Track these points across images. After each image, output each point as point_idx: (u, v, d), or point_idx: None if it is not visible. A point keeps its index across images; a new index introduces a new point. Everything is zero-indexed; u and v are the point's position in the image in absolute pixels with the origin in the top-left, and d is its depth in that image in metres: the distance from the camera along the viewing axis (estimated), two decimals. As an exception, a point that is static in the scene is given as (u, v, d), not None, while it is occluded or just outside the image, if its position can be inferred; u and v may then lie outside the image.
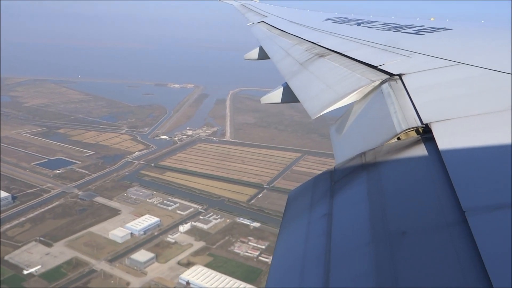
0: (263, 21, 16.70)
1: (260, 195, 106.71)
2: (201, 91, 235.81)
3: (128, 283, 69.16)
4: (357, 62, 6.15)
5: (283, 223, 3.10)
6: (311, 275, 2.26)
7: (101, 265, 73.09)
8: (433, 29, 7.94)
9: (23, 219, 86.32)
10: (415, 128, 3.20)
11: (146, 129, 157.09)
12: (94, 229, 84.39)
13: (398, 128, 3.30)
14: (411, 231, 2.17)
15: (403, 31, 8.47)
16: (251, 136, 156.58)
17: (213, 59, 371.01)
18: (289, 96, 7.54)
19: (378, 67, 5.38)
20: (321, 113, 4.89)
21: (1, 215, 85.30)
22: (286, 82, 7.60)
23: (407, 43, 6.85)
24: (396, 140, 3.24)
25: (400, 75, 4.74)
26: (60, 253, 75.83)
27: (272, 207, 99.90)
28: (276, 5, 23.45)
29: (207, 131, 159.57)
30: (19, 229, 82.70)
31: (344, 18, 13.16)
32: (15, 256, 73.91)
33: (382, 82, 4.72)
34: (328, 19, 13.60)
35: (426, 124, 3.15)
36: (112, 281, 69.30)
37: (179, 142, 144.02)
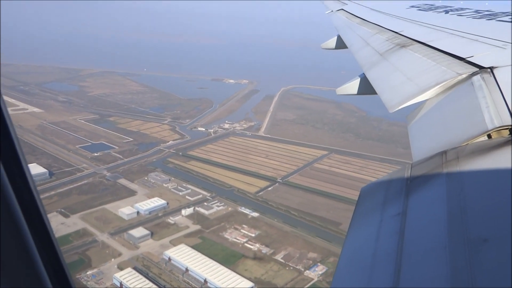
0: (342, 9, 16.17)
1: (270, 188, 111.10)
2: (253, 87, 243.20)
3: (120, 254, 78.00)
4: (442, 53, 5.87)
5: (354, 218, 3.07)
6: (381, 273, 2.21)
7: (103, 237, 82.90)
8: None
9: (53, 192, 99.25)
10: (510, 127, 2.97)
11: (187, 120, 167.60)
12: (108, 206, 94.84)
13: (490, 125, 3.07)
14: (493, 239, 2.00)
15: (498, 19, 7.90)
16: (285, 132, 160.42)
17: (279, 55, 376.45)
18: (366, 88, 7.33)
19: (467, 59, 5.06)
20: (400, 107, 4.67)
21: (38, 188, 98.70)
22: (363, 73, 7.38)
23: (502, 32, 6.38)
24: (485, 137, 3.04)
25: (491, 68, 4.39)
26: (73, 223, 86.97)
27: (277, 200, 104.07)
28: None
29: (243, 125, 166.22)
30: (47, 201, 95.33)
31: (431, 5, 12.71)
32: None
33: (472, 75, 4.40)
34: (412, 6, 13.15)
35: None
36: (107, 251, 78.66)
37: (213, 134, 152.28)
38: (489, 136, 3.01)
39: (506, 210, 2.15)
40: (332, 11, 16.92)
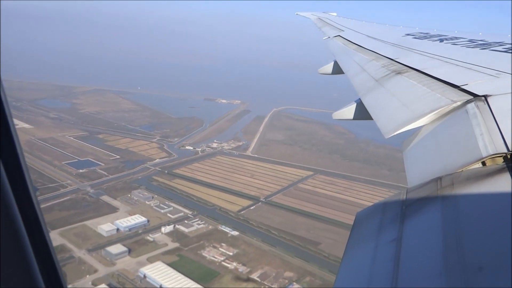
0: (339, 35, 16.52)
1: (252, 207, 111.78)
2: (245, 107, 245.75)
3: (95, 270, 78.07)
4: (437, 81, 5.95)
5: (349, 243, 3.07)
6: None
7: (80, 253, 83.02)
8: None
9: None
10: (504, 155, 3.02)
11: (176, 139, 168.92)
12: (89, 222, 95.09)
13: (485, 152, 3.11)
14: (488, 267, 1.99)
15: (492, 48, 8.15)
16: (272, 152, 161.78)
17: (273, 77, 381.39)
18: (362, 113, 7.44)
19: (461, 86, 5.14)
20: (396, 133, 4.74)
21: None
22: (359, 99, 7.47)
23: (495, 62, 6.61)
24: (479, 165, 3.08)
25: (485, 96, 4.47)
26: (52, 239, 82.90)
27: (258, 219, 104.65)
28: (353, 19, 23.53)
29: (232, 145, 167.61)
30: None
31: (426, 33, 12.92)
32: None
33: (466, 103, 4.50)
34: (408, 34, 13.35)
35: None
36: (83, 267, 78.75)
37: (200, 153, 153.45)
38: (484, 163, 3.05)
39: (501, 237, 2.17)
40: (329, 37, 17.25)
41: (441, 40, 10.78)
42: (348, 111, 8.20)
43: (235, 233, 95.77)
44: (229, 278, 78.95)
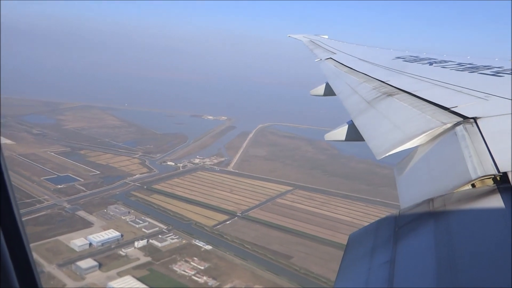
0: (331, 58, 16.72)
1: (228, 222, 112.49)
2: (231, 124, 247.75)
3: (64, 285, 78.23)
4: (427, 103, 6.03)
5: (342, 266, 3.09)
6: None
7: (50, 268, 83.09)
8: None
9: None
10: (493, 176, 3.07)
11: (158, 155, 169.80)
12: (62, 237, 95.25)
13: (474, 174, 3.16)
14: None
15: (480, 71, 8.32)
16: (253, 168, 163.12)
17: (262, 94, 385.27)
18: (353, 134, 7.52)
19: (451, 109, 5.24)
20: (387, 154, 4.81)
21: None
22: (351, 120, 7.57)
23: (484, 84, 6.72)
24: (469, 187, 3.12)
25: (475, 119, 4.53)
26: None
27: (233, 233, 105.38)
28: (345, 42, 23.93)
29: (214, 161, 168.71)
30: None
31: (416, 56, 13.18)
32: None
33: (456, 125, 4.54)
34: (398, 57, 13.58)
35: (504, 173, 3.00)
36: (51, 282, 78.78)
37: (181, 169, 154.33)
38: (473, 185, 3.10)
39: (493, 258, 2.20)
40: (321, 59, 17.47)
41: (431, 63, 10.94)
42: (340, 133, 8.28)
43: (209, 247, 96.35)
44: (198, 292, 79.42)
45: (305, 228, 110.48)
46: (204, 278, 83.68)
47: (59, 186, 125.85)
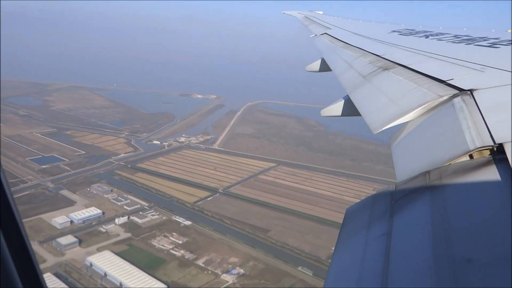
0: (326, 33, 16.41)
1: (209, 198, 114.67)
2: (220, 102, 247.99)
3: (44, 260, 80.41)
4: (423, 76, 6.03)
5: (339, 239, 3.11)
6: None
7: (32, 245, 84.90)
8: (510, 42, 7.71)
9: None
10: (490, 147, 3.07)
11: (144, 134, 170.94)
12: (44, 216, 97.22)
13: (472, 145, 3.17)
14: (477, 259, 2.04)
15: (476, 43, 8.26)
16: (239, 146, 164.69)
17: (254, 73, 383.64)
18: (350, 110, 7.55)
19: (447, 81, 5.22)
20: (383, 128, 4.84)
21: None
22: (347, 95, 7.55)
23: (480, 56, 6.68)
24: (467, 158, 3.13)
25: (471, 90, 4.53)
26: None
27: (213, 209, 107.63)
28: (340, 17, 23.65)
29: (200, 139, 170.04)
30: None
31: (411, 30, 12.99)
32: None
33: (452, 97, 4.56)
34: (394, 31, 13.33)
35: (500, 144, 3.01)
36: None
37: (166, 148, 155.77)
38: (471, 156, 3.12)
39: (489, 229, 2.24)
40: (316, 35, 17.11)
41: (427, 36, 10.87)
42: (336, 108, 8.26)
43: (188, 223, 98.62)
44: (175, 265, 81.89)
45: (285, 203, 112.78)
46: (182, 251, 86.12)
47: (44, 166, 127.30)
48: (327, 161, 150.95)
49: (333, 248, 3.17)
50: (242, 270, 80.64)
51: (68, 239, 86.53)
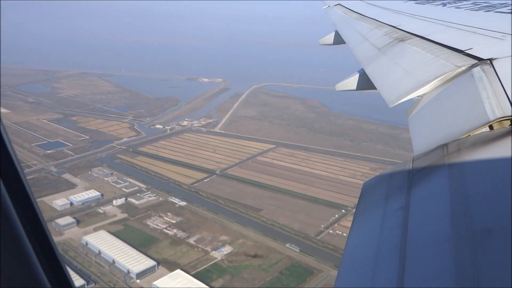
0: (339, 4, 16.00)
1: (206, 180, 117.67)
2: (226, 85, 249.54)
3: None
4: (441, 46, 5.86)
5: (357, 213, 3.13)
6: (385, 269, 2.21)
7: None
8: None
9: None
10: (510, 118, 3.00)
11: (148, 119, 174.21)
12: (46, 198, 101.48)
13: (492, 116, 3.09)
14: (497, 230, 2.03)
15: (496, 10, 7.95)
16: (240, 128, 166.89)
17: (263, 54, 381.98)
18: (365, 83, 7.42)
19: (465, 51, 5.08)
20: (400, 101, 4.73)
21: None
22: (362, 69, 7.37)
23: (500, 24, 6.40)
24: (486, 129, 3.07)
25: (490, 60, 4.38)
26: None
27: (208, 190, 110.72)
28: None
29: (202, 122, 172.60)
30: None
31: None
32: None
33: (471, 67, 4.42)
34: None
35: None
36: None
37: (168, 131, 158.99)
38: (491, 127, 3.04)
39: (509, 200, 2.17)
40: (329, 6, 16.71)
41: (444, 5, 10.57)
42: (351, 82, 8.14)
43: (183, 203, 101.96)
44: (167, 243, 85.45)
45: (280, 183, 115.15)
46: (174, 230, 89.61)
47: (48, 152, 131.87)
48: (326, 142, 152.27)
49: (323, 226, 4.03)
50: (231, 248, 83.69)
51: (66, 220, 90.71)
